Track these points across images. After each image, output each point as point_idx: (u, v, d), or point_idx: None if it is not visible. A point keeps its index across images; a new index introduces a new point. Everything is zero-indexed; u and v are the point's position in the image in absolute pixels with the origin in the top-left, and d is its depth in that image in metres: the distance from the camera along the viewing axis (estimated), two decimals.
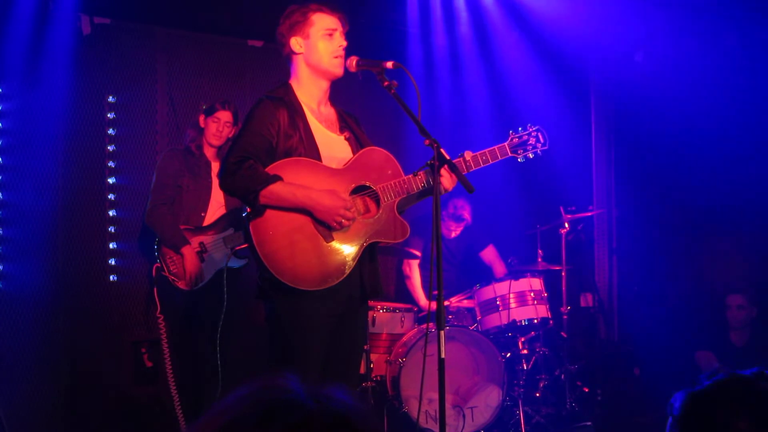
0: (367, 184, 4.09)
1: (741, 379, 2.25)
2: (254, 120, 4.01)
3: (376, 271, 4.20)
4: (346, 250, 4.00)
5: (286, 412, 1.43)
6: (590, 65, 8.62)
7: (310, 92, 4.16)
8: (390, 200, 4.09)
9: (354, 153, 4.16)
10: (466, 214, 7.44)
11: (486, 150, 4.22)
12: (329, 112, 4.25)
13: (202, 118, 6.09)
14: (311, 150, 4.02)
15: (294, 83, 4.18)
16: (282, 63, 4.28)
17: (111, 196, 6.76)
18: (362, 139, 4.25)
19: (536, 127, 4.33)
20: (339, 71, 4.13)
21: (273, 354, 4.07)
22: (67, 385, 6.48)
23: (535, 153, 4.32)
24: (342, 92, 4.36)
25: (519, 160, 4.31)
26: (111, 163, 6.77)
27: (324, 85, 4.18)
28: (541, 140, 4.33)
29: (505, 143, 4.29)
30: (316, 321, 3.97)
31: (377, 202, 4.10)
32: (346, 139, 4.21)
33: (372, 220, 4.08)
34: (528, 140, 4.30)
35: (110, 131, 6.78)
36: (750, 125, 7.73)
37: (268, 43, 7.31)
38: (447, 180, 4.05)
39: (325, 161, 4.04)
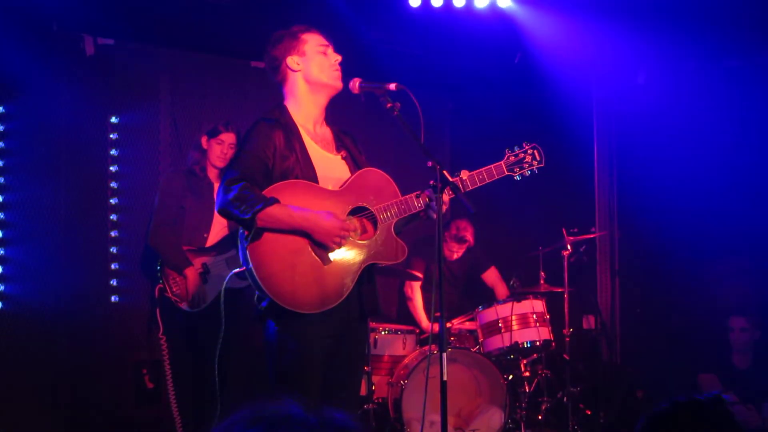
0: (365, 205, 4.09)
1: (698, 402, 2.30)
2: (250, 142, 4.00)
3: (375, 291, 4.20)
4: (345, 272, 3.99)
5: (289, 428, 1.43)
6: (592, 86, 8.63)
7: (306, 112, 4.16)
8: (387, 221, 4.09)
9: (351, 172, 4.16)
10: (469, 236, 7.44)
11: (482, 169, 4.23)
12: (325, 131, 4.25)
13: (204, 139, 6.08)
14: (308, 171, 4.02)
15: (289, 104, 4.17)
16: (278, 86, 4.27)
17: (113, 217, 6.76)
18: (358, 158, 4.25)
19: (532, 145, 4.33)
20: (339, 84, 4.15)
21: (272, 376, 4.06)
22: (69, 406, 6.45)
23: (532, 171, 4.31)
24: (344, 114, 4.36)
25: (516, 178, 4.31)
26: (113, 184, 6.77)
27: (322, 101, 4.19)
28: (538, 158, 4.32)
29: (501, 162, 4.29)
30: (314, 342, 3.95)
31: (374, 223, 4.10)
32: (343, 158, 4.21)
33: (369, 242, 4.07)
34: (524, 158, 4.30)
35: (113, 152, 6.79)
36: (753, 147, 7.73)
37: None
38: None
39: (321, 182, 4.04)
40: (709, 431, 2.22)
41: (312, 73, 4.14)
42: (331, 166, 4.13)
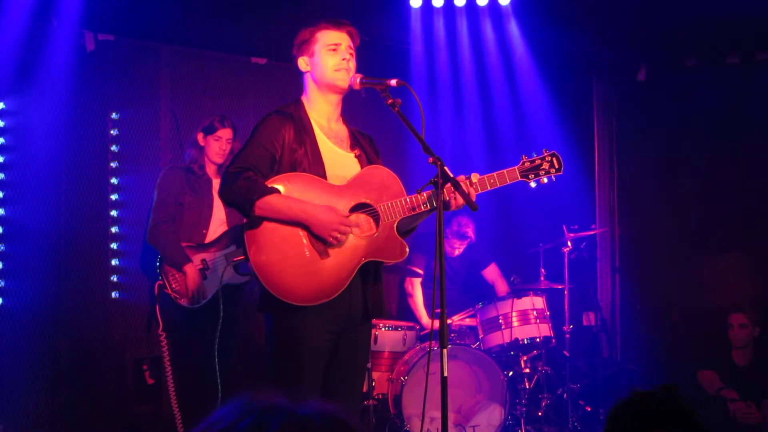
0: (368, 201, 4.07)
1: (652, 393, 2.35)
2: (258, 133, 4.03)
3: (380, 291, 4.19)
4: (342, 267, 3.97)
5: (281, 419, 1.43)
6: (593, 82, 8.63)
7: (320, 108, 4.16)
8: (390, 220, 4.06)
9: None
10: (470, 232, 7.44)
11: (494, 173, 4.13)
12: (340, 128, 4.23)
13: (200, 136, 6.06)
14: (316, 165, 4.01)
15: (305, 100, 4.19)
16: (286, 80, 4.30)
17: (114, 213, 6.75)
18: (373, 159, 4.23)
19: (551, 152, 4.24)
20: (342, 84, 4.11)
21: (272, 368, 4.06)
22: (69, 402, 6.45)
23: (549, 178, 4.22)
24: (345, 110, 4.35)
25: (531, 185, 4.21)
26: (114, 180, 6.76)
27: (333, 99, 4.17)
28: (556, 165, 4.23)
29: (515, 167, 4.19)
30: (312, 336, 3.94)
31: (377, 220, 4.08)
32: (356, 156, 4.18)
33: (370, 239, 4.05)
34: (541, 165, 4.21)
35: (113, 148, 6.77)
36: (752, 145, 7.74)
37: (272, 61, 7.33)
38: (459, 197, 4.02)
39: (330, 178, 4.03)
40: (665, 421, 2.26)
41: (316, 73, 4.14)
42: (341, 162, 4.11)
